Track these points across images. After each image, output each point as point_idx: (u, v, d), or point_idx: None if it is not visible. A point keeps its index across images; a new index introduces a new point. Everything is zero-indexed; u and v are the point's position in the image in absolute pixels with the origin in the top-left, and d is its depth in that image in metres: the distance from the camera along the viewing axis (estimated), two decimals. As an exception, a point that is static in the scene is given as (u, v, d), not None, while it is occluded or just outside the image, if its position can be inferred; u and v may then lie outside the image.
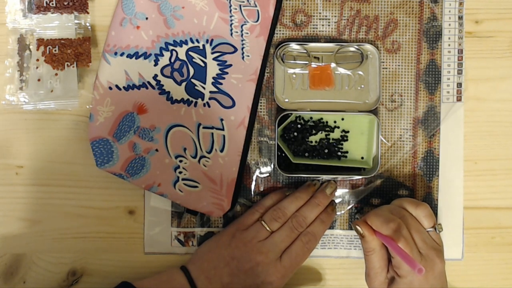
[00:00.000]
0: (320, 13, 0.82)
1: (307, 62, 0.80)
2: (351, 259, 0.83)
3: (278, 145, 0.80)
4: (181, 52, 0.79)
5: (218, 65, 0.79)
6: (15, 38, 0.79)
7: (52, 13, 0.79)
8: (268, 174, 0.82)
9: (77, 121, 0.81)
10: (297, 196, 0.79)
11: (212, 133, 0.79)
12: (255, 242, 0.76)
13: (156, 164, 0.78)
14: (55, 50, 0.78)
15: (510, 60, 0.82)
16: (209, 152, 0.79)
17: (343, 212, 0.82)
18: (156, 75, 0.78)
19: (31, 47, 0.79)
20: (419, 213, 0.76)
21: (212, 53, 0.79)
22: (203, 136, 0.79)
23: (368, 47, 0.80)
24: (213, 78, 0.79)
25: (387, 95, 0.82)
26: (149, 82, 0.78)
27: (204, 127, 0.79)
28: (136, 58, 0.78)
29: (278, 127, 0.80)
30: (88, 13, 0.80)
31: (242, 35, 0.79)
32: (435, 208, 0.82)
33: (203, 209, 0.79)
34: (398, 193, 0.82)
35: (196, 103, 0.79)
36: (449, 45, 0.82)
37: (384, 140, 0.82)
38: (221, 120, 0.79)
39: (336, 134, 0.81)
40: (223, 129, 0.79)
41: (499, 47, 0.82)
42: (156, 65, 0.78)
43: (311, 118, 0.81)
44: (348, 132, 0.81)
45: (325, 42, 0.81)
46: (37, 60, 0.79)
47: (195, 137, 0.79)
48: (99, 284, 0.81)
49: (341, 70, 0.81)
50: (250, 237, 0.77)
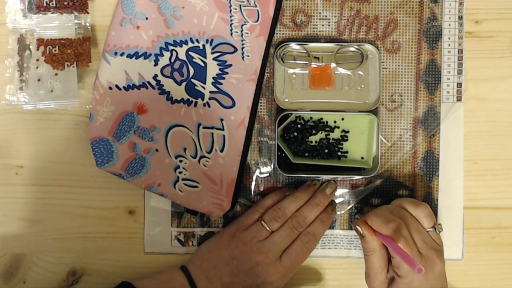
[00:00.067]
0: (320, 13, 0.82)
1: (307, 62, 0.80)
2: (351, 259, 0.82)
3: (278, 145, 0.80)
4: (181, 52, 0.79)
5: (218, 65, 0.79)
6: (15, 38, 0.79)
7: (52, 13, 0.79)
8: (268, 174, 0.82)
9: (77, 121, 0.81)
10: (297, 196, 0.79)
11: (212, 133, 0.79)
12: (255, 242, 0.76)
13: (156, 164, 0.78)
14: (55, 50, 0.78)
15: (510, 60, 0.82)
16: (209, 152, 0.79)
17: (343, 212, 0.82)
18: (156, 75, 0.78)
19: (31, 47, 0.79)
20: (419, 213, 0.76)
21: (212, 53, 0.79)
22: (203, 136, 0.79)
23: (368, 47, 0.80)
24: (213, 78, 0.79)
25: (387, 95, 0.82)
26: (149, 82, 0.78)
27: (204, 127, 0.79)
28: (136, 58, 0.78)
29: (278, 127, 0.79)
30: (88, 13, 0.80)
31: (242, 35, 0.79)
32: (435, 208, 0.82)
33: (203, 209, 0.79)
34: (398, 193, 0.82)
35: (196, 103, 0.79)
36: (449, 45, 0.82)
37: (384, 140, 0.82)
38: (221, 120, 0.79)
39: (336, 134, 0.81)
40: (223, 129, 0.79)
41: (499, 47, 0.82)
42: (156, 65, 0.78)
43: (311, 118, 0.81)
44: (348, 132, 0.81)
45: (325, 42, 0.81)
46: (37, 60, 0.79)
47: (195, 137, 0.79)
48: (99, 284, 0.81)
49: (341, 70, 0.81)
50: (250, 237, 0.77)
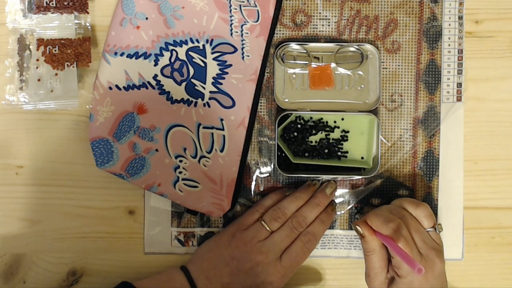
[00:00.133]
0: (320, 13, 0.82)
1: (307, 62, 0.80)
2: (351, 259, 0.82)
3: (278, 145, 0.80)
4: (181, 52, 0.79)
5: (218, 65, 0.79)
6: (15, 38, 0.79)
7: (52, 13, 0.79)
8: (268, 174, 0.82)
9: (77, 121, 0.81)
10: (297, 196, 0.79)
11: (212, 133, 0.79)
12: (255, 242, 0.76)
13: (156, 164, 0.78)
14: (55, 50, 0.78)
15: (510, 60, 0.82)
16: (209, 152, 0.79)
17: (343, 212, 0.82)
18: (156, 75, 0.78)
19: (31, 47, 0.79)
20: (419, 213, 0.76)
21: (212, 53, 0.79)
22: (203, 136, 0.79)
23: (368, 47, 0.80)
24: (213, 78, 0.79)
25: (387, 95, 0.82)
26: (149, 82, 0.78)
27: (204, 127, 0.79)
28: (136, 58, 0.78)
29: (278, 127, 0.79)
30: (88, 13, 0.80)
31: (242, 35, 0.79)
32: (435, 208, 0.82)
33: (203, 209, 0.79)
34: (398, 193, 0.82)
35: (196, 103, 0.79)
36: (449, 45, 0.82)
37: (384, 140, 0.82)
38: (221, 120, 0.79)
39: (336, 134, 0.81)
40: (223, 129, 0.79)
41: (499, 47, 0.82)
42: (156, 65, 0.78)
43: (311, 118, 0.81)
44: (348, 132, 0.81)
45: (325, 42, 0.81)
46: (37, 60, 0.79)
47: (195, 137, 0.79)
48: (99, 284, 0.81)
49: (341, 70, 0.81)
50: (250, 237, 0.77)
